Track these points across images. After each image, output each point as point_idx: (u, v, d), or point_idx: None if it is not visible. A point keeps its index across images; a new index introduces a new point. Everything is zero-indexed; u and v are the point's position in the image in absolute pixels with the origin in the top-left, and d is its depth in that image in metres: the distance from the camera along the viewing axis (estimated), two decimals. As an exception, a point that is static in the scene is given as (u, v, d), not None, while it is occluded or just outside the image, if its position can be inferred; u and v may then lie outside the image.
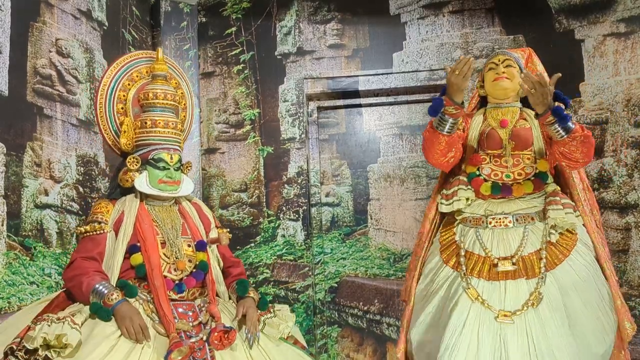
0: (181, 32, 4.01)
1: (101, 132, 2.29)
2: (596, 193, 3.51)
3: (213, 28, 4.07)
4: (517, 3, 3.76)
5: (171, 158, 2.18)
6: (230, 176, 3.97)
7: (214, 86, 4.04)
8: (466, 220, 2.32)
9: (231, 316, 2.15)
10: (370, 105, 4.02)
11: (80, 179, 3.03)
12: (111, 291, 1.96)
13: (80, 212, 2.99)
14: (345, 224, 3.98)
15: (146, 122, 2.20)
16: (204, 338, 1.98)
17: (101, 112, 2.26)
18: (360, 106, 4.04)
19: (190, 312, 2.05)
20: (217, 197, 3.96)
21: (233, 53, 4.03)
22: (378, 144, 4.01)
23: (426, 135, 2.35)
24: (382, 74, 3.90)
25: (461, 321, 2.09)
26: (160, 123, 2.20)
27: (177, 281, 2.08)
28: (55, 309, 1.97)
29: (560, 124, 2.11)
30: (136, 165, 2.16)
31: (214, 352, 1.96)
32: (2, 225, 2.51)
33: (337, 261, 3.94)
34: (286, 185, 3.91)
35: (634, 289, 3.45)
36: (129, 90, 2.30)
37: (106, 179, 3.19)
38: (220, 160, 3.99)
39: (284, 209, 3.90)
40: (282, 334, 2.17)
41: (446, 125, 2.25)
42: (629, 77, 3.54)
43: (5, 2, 2.60)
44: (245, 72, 4.02)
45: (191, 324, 2.02)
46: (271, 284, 3.85)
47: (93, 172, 3.14)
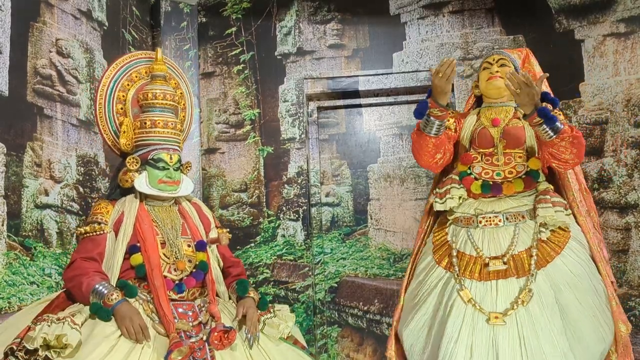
0: (181, 32, 4.01)
1: (101, 132, 2.29)
2: (596, 193, 3.51)
3: (213, 28, 4.07)
4: (517, 3, 3.76)
5: (171, 158, 2.18)
6: (230, 176, 3.97)
7: (214, 86, 4.04)
8: (458, 220, 2.32)
9: (231, 316, 2.15)
10: (370, 105, 4.02)
11: (81, 179, 3.03)
12: (111, 291, 1.96)
13: (80, 212, 2.99)
14: (345, 224, 3.98)
15: (146, 123, 2.20)
16: (204, 338, 1.98)
17: (100, 112, 2.26)
18: (360, 106, 4.04)
19: (190, 312, 2.05)
20: (217, 197, 3.96)
21: (233, 53, 4.03)
22: (378, 144, 4.01)
23: (414, 137, 2.35)
24: (382, 74, 3.90)
25: (457, 328, 2.08)
26: (159, 123, 2.20)
27: (177, 281, 2.08)
28: (55, 309, 1.97)
29: (548, 125, 2.10)
30: (136, 166, 2.16)
31: (213, 352, 1.96)
32: (2, 225, 2.51)
33: (337, 261, 3.94)
34: (286, 185, 3.91)
35: (634, 289, 3.44)
36: (128, 90, 2.29)
37: (106, 179, 3.19)
38: (220, 160, 3.99)
39: (284, 209, 3.90)
40: (282, 334, 2.17)
41: (433, 127, 2.25)
42: (629, 77, 3.54)
43: (6, 2, 2.60)
44: (245, 72, 4.02)
45: (191, 324, 2.02)
46: (271, 284, 3.85)
47: (93, 172, 3.14)
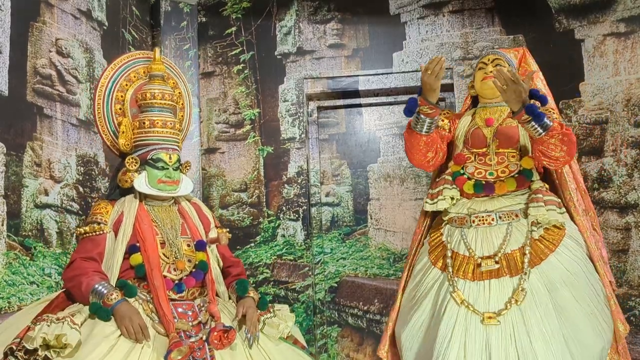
0: (181, 32, 4.01)
1: (99, 133, 2.29)
2: (596, 193, 3.51)
3: (213, 28, 4.07)
4: (517, 3, 3.76)
5: (170, 158, 2.17)
6: (230, 176, 3.97)
7: (214, 86, 4.04)
8: (452, 221, 2.31)
9: (231, 316, 2.15)
10: (370, 105, 4.02)
11: (80, 178, 3.03)
12: (110, 291, 1.96)
13: (80, 212, 2.99)
14: (345, 223, 3.98)
15: (144, 123, 2.20)
16: (204, 338, 1.98)
17: (99, 113, 2.26)
18: (360, 106, 4.04)
19: (189, 312, 2.05)
20: (217, 197, 3.96)
21: (233, 53, 4.03)
22: (378, 143, 4.01)
23: (406, 136, 2.36)
24: (382, 73, 3.90)
25: (450, 328, 2.07)
26: (158, 123, 2.20)
27: (177, 281, 2.08)
28: (55, 309, 1.97)
29: (536, 122, 2.09)
30: (135, 166, 2.16)
31: (213, 351, 1.96)
32: (2, 225, 2.51)
33: (337, 261, 3.94)
34: (286, 185, 3.91)
35: (634, 289, 3.44)
36: (127, 90, 2.29)
37: (106, 178, 3.19)
38: (220, 160, 3.99)
39: (284, 208, 3.90)
40: (281, 334, 2.17)
41: (424, 126, 2.26)
42: (629, 77, 3.54)
43: (5, 2, 2.60)
44: (245, 72, 4.02)
45: (191, 323, 2.02)
46: (271, 283, 3.85)
47: (93, 172, 3.14)
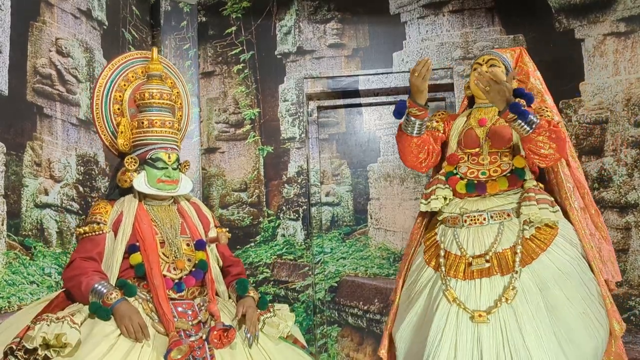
0: (181, 31, 4.01)
1: (98, 133, 2.29)
2: (596, 192, 3.51)
3: (213, 27, 4.07)
4: (517, 2, 3.76)
5: (169, 157, 2.17)
6: (230, 176, 3.97)
7: (213, 86, 4.04)
8: (446, 220, 2.33)
9: (231, 315, 2.15)
10: (370, 104, 4.03)
11: (80, 178, 3.03)
12: (110, 290, 1.96)
13: (80, 211, 2.99)
14: (345, 223, 3.98)
15: (143, 122, 2.20)
16: (204, 337, 1.98)
17: (98, 113, 2.26)
18: (360, 106, 4.04)
19: (189, 311, 2.05)
20: (217, 196, 3.96)
21: (233, 52, 4.04)
22: (378, 143, 4.01)
23: (397, 138, 2.38)
24: (382, 73, 3.90)
25: (441, 327, 2.08)
26: (157, 122, 2.20)
27: (177, 280, 2.08)
28: (54, 308, 1.97)
29: (522, 120, 2.10)
30: (134, 166, 2.16)
31: (213, 350, 1.96)
32: (2, 224, 2.51)
33: (337, 261, 3.94)
34: (286, 185, 3.92)
35: (634, 289, 3.44)
36: (125, 90, 2.29)
37: (106, 178, 3.19)
38: (220, 160, 3.99)
39: (284, 208, 3.90)
40: (281, 333, 2.17)
41: (414, 127, 2.28)
42: (629, 77, 3.54)
43: (5, 1, 2.60)
44: (245, 71, 4.02)
45: (190, 323, 2.02)
46: (271, 283, 3.85)
47: (93, 172, 3.14)
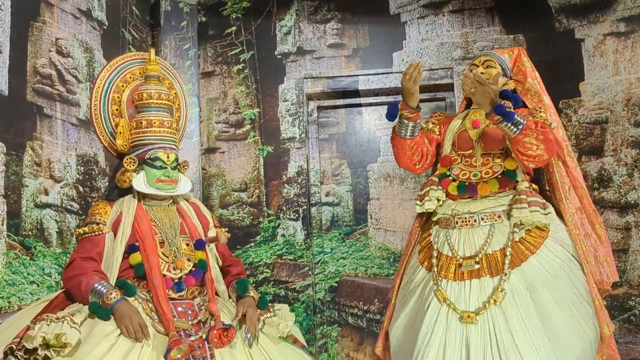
0: (181, 31, 4.01)
1: (97, 134, 2.30)
2: (596, 193, 3.51)
3: (213, 27, 4.07)
4: (517, 2, 3.76)
5: (168, 157, 2.18)
6: (230, 176, 3.97)
7: (213, 86, 4.04)
8: (440, 222, 2.35)
9: (231, 315, 2.15)
10: (370, 104, 4.02)
11: (80, 178, 3.03)
12: (110, 290, 1.96)
13: (80, 211, 2.99)
14: (345, 223, 3.98)
15: (141, 123, 2.20)
16: (204, 336, 1.98)
17: (96, 114, 2.26)
18: (360, 106, 4.04)
19: (189, 311, 2.05)
20: (217, 196, 3.96)
21: (233, 52, 4.04)
22: (378, 143, 4.01)
23: (391, 140, 2.42)
24: (382, 73, 3.90)
25: (431, 326, 2.10)
26: (155, 123, 2.20)
27: (176, 280, 2.08)
28: (54, 309, 1.97)
29: (507, 121, 2.12)
30: (133, 166, 2.16)
31: (213, 350, 1.96)
32: (2, 224, 2.51)
33: (337, 261, 3.94)
34: (286, 185, 3.92)
35: (634, 289, 3.44)
36: (123, 91, 2.30)
37: (106, 178, 3.19)
38: (220, 160, 3.99)
39: (284, 208, 3.90)
40: (281, 333, 2.17)
41: (408, 129, 2.33)
42: (629, 77, 3.54)
43: (5, 1, 2.60)
44: (245, 71, 4.02)
45: (190, 322, 2.02)
46: (271, 283, 3.85)
47: (93, 172, 3.14)
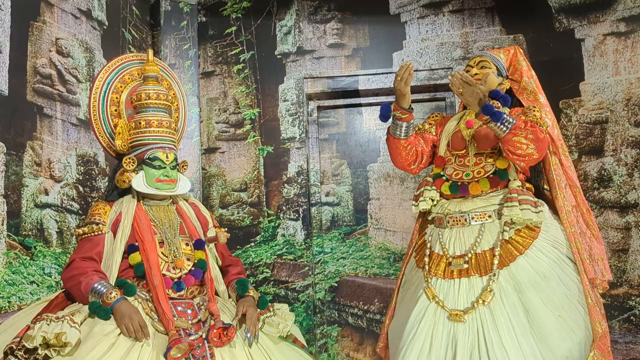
0: (181, 31, 4.01)
1: (96, 135, 2.30)
2: (596, 192, 3.51)
3: (213, 27, 4.07)
4: (517, 2, 3.76)
5: (167, 157, 2.18)
6: (230, 176, 3.97)
7: (214, 85, 4.04)
8: (434, 221, 2.37)
9: (231, 314, 2.15)
10: (370, 104, 4.02)
11: (80, 178, 3.04)
12: (110, 290, 1.96)
13: (80, 211, 2.99)
14: (345, 223, 3.98)
15: (140, 123, 2.21)
16: (203, 335, 1.98)
17: (95, 115, 2.27)
18: (360, 105, 4.04)
19: (189, 310, 2.05)
20: (217, 196, 3.96)
21: (233, 52, 4.04)
22: (378, 143, 4.01)
23: (387, 141, 2.45)
24: (382, 73, 3.90)
25: (417, 321, 2.13)
26: (154, 123, 2.21)
27: (176, 279, 2.09)
28: (54, 309, 1.97)
29: (495, 121, 2.13)
30: (132, 166, 2.16)
31: (213, 349, 1.96)
32: (3, 224, 2.51)
33: (337, 260, 3.94)
34: (286, 185, 3.92)
35: (634, 289, 3.44)
36: (122, 92, 2.31)
37: (106, 178, 3.19)
38: (220, 160, 3.99)
39: (284, 208, 3.90)
40: (281, 333, 2.17)
41: (402, 130, 2.35)
42: (629, 77, 3.54)
43: (5, 1, 2.60)
44: (245, 71, 4.02)
45: (190, 321, 2.02)
46: (271, 283, 3.85)
47: (93, 172, 3.14)
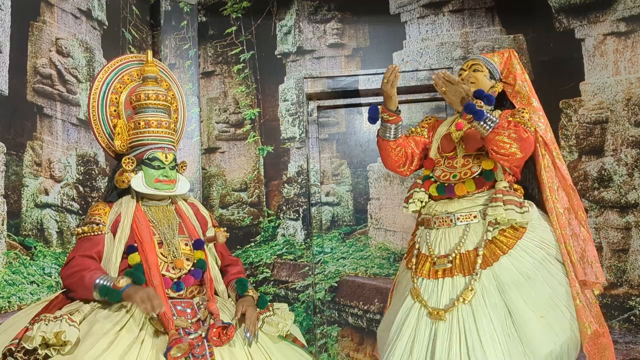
0: (181, 31, 4.01)
1: (95, 135, 2.31)
2: (596, 192, 3.51)
3: (213, 27, 4.07)
4: (517, 2, 3.76)
5: (166, 157, 2.18)
6: (230, 175, 3.97)
7: (214, 85, 4.04)
8: (423, 222, 2.40)
9: (230, 314, 2.15)
10: (370, 104, 4.00)
11: (81, 178, 3.04)
12: (119, 279, 1.96)
13: (80, 211, 3.00)
14: (345, 223, 3.98)
15: (139, 123, 2.21)
16: (203, 335, 1.98)
17: (94, 116, 2.27)
18: (360, 105, 4.04)
19: (188, 310, 2.06)
20: (217, 196, 3.96)
21: (233, 52, 4.04)
22: (378, 143, 4.01)
23: (377, 143, 2.47)
24: (382, 73, 3.87)
25: (401, 321, 2.16)
26: (153, 123, 2.21)
27: (175, 279, 2.09)
28: (53, 309, 1.97)
29: (477, 120, 2.15)
30: (131, 166, 2.17)
31: (212, 348, 1.96)
32: (3, 224, 2.51)
33: (337, 260, 3.94)
34: (286, 185, 3.92)
35: (634, 289, 3.44)
36: (121, 93, 2.31)
37: (106, 178, 3.19)
38: (221, 160, 3.99)
39: (284, 208, 3.90)
40: (281, 332, 2.17)
41: (391, 132, 2.38)
42: (629, 77, 3.54)
43: (6, 1, 2.61)
44: (246, 71, 4.02)
45: (190, 321, 2.02)
46: (271, 283, 3.85)
47: (93, 172, 3.14)
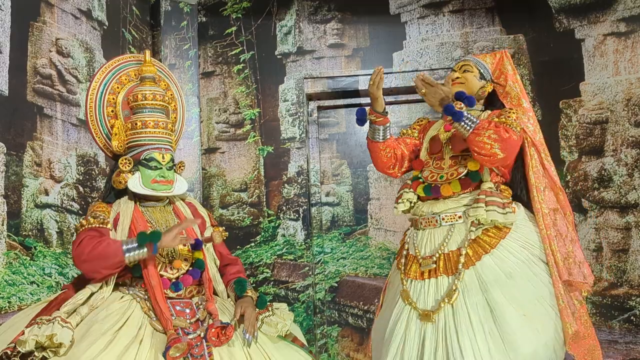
0: (181, 31, 4.02)
1: (93, 135, 2.30)
2: (596, 192, 3.51)
3: (213, 27, 4.07)
4: (517, 2, 3.76)
5: (163, 157, 2.18)
6: (230, 176, 3.97)
7: (214, 86, 4.05)
8: (412, 223, 2.41)
9: (229, 314, 2.15)
10: (370, 104, 4.01)
11: (81, 178, 3.04)
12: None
13: (80, 211, 3.00)
14: (345, 223, 3.98)
15: (137, 124, 2.21)
16: (202, 335, 1.98)
17: (92, 116, 2.27)
18: (360, 105, 4.03)
19: (187, 310, 2.06)
20: (217, 196, 3.96)
21: (233, 52, 4.04)
22: (378, 143, 4.01)
23: (367, 146, 2.49)
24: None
25: (393, 324, 2.19)
26: (150, 123, 2.21)
27: (174, 279, 2.09)
28: (53, 309, 1.97)
29: (456, 121, 2.15)
30: (128, 167, 2.16)
31: (211, 348, 1.96)
32: (3, 225, 2.52)
33: (337, 261, 3.94)
34: (286, 185, 3.92)
35: (634, 289, 3.44)
36: (119, 93, 2.31)
37: (106, 178, 3.20)
38: (221, 160, 4.00)
39: (284, 208, 3.91)
40: (280, 332, 2.17)
41: (379, 133, 2.40)
42: (629, 77, 3.54)
43: (6, 1, 2.61)
44: (246, 71, 4.02)
45: (189, 321, 2.02)
46: (271, 283, 3.85)
47: (93, 172, 3.15)
